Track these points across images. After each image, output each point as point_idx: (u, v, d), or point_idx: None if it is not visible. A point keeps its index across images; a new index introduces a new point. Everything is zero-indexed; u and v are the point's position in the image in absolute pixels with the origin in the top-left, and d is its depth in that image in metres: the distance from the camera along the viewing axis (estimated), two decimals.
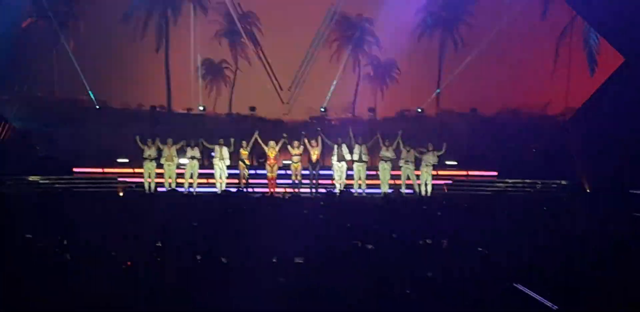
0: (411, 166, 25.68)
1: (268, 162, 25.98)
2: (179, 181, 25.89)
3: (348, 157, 25.72)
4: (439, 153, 25.77)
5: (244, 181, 26.18)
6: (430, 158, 25.56)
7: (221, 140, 25.92)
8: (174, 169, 25.78)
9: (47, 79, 41.25)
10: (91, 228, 13.60)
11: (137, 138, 25.82)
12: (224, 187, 25.47)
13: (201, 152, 26.24)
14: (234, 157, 26.47)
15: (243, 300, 9.15)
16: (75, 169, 29.37)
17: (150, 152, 25.63)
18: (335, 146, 25.82)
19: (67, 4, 42.79)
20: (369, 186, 25.96)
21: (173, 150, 25.67)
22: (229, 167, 26.08)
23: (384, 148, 25.81)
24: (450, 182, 28.43)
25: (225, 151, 25.79)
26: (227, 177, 26.06)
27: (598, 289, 9.76)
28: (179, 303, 9.13)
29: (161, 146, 25.67)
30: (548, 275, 10.37)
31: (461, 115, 38.04)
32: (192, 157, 25.74)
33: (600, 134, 25.93)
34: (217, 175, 25.96)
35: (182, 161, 26.00)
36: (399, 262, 10.88)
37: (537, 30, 39.12)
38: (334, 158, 25.89)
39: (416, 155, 25.80)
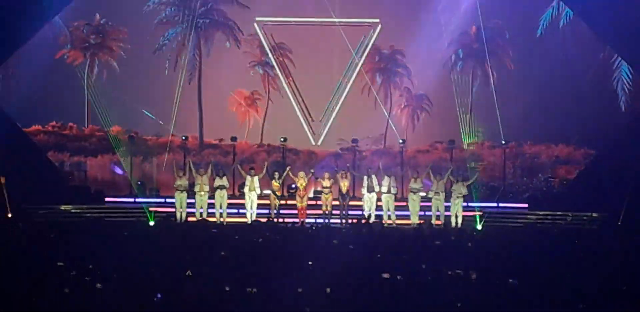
0: (441, 197, 25.62)
1: (298, 193, 26.08)
2: (210, 210, 25.96)
3: (377, 188, 25.72)
4: (468, 183, 25.75)
5: (274, 211, 26.23)
6: (462, 189, 25.50)
7: (252, 171, 26.00)
8: (206, 199, 25.84)
9: (79, 109, 41.73)
10: (121, 257, 13.68)
11: (174, 163, 26.10)
12: (254, 217, 25.54)
13: (230, 181, 26.34)
14: (265, 184, 26.47)
15: None
16: (107, 199, 29.49)
17: (181, 182, 25.71)
18: (365, 177, 25.86)
19: (100, 36, 43.38)
20: (398, 217, 25.91)
21: (205, 179, 25.74)
22: (259, 197, 26.12)
23: (412, 180, 25.83)
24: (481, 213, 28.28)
25: (256, 181, 25.81)
26: (258, 207, 26.11)
27: None
28: None
29: (194, 174, 25.75)
30: (578, 307, 10.33)
31: (492, 147, 38.03)
32: (221, 187, 25.79)
33: (632, 167, 25.79)
34: (247, 205, 25.97)
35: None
36: (428, 293, 10.86)
37: (568, 65, 39.05)
38: (364, 189, 25.91)
39: (447, 180, 25.77)
